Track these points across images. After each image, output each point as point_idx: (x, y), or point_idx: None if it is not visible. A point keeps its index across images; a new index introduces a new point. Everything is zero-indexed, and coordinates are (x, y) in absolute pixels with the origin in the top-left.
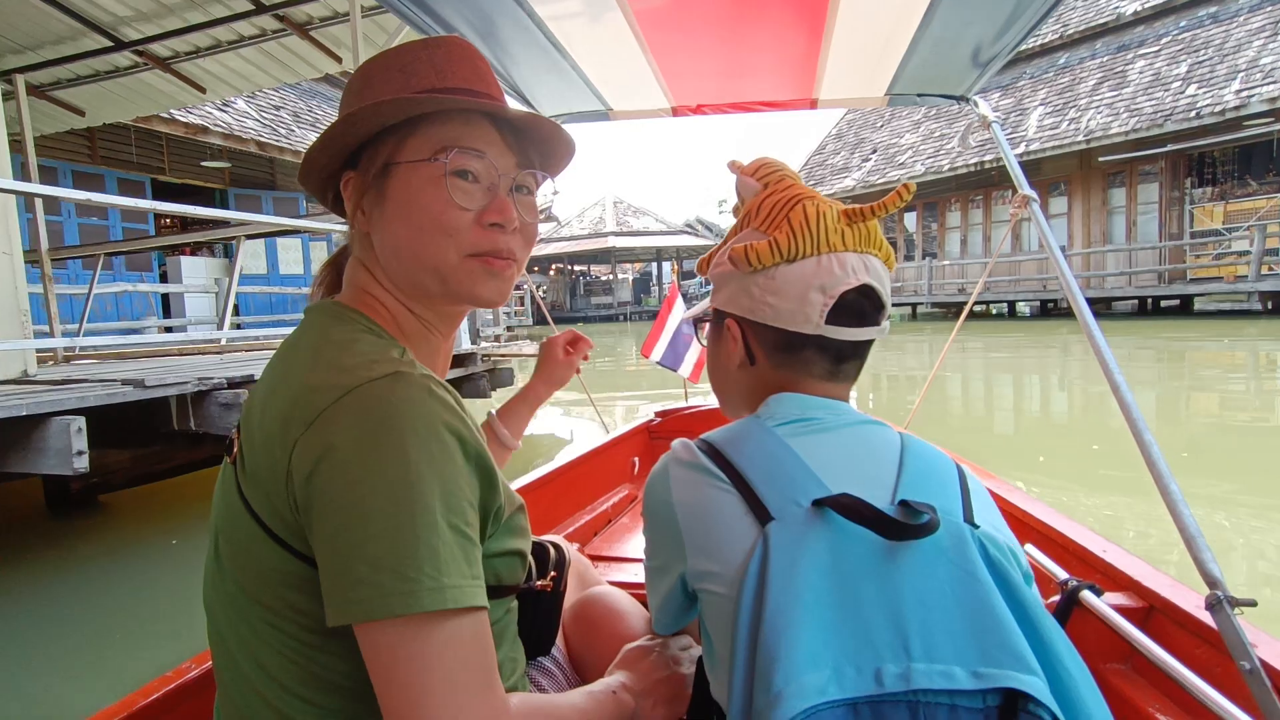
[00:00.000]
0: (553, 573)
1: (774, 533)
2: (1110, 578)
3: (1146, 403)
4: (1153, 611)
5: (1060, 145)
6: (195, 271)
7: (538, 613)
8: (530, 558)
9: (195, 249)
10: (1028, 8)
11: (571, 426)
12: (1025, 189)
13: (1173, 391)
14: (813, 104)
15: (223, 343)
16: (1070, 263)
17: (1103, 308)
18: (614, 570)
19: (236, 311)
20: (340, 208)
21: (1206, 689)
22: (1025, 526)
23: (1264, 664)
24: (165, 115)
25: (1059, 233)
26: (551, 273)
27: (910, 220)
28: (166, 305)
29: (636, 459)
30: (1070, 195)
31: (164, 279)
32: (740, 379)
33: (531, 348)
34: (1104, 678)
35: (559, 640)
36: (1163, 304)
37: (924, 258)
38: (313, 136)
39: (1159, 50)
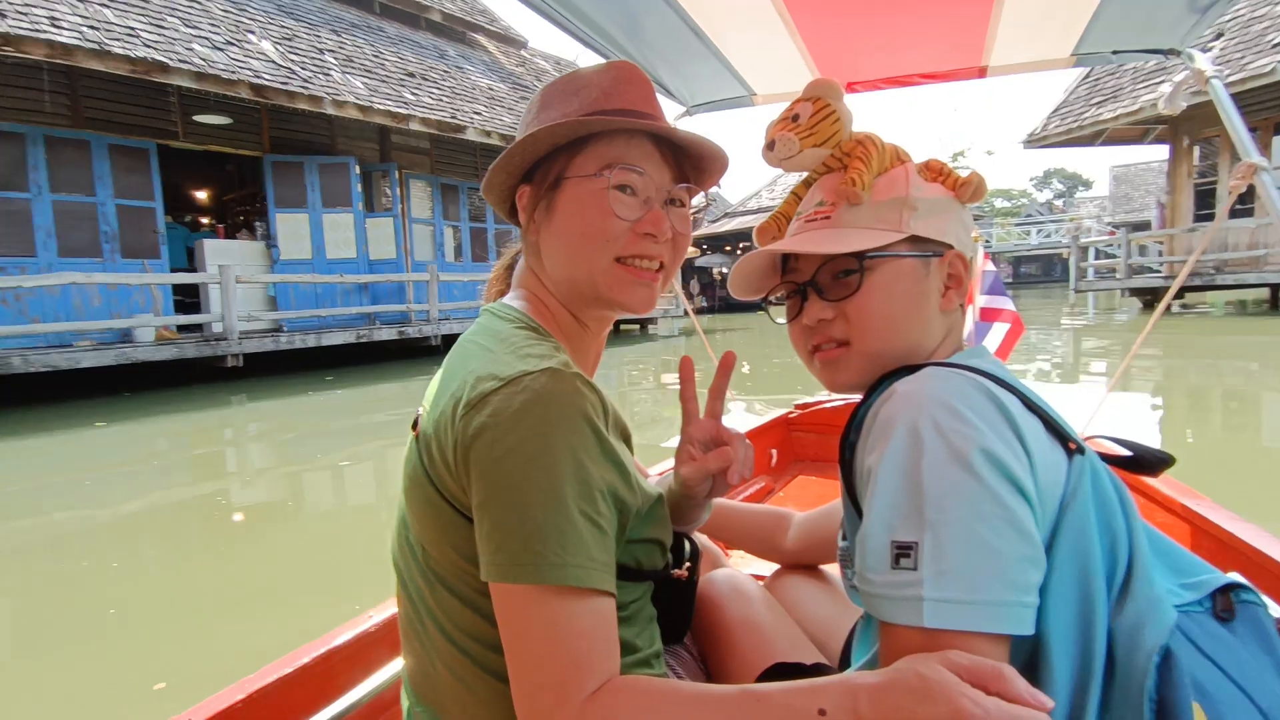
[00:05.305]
0: (688, 563)
1: (1092, 460)
2: None
3: None
4: None
5: None
6: (223, 255)
7: (674, 601)
8: (668, 547)
9: (231, 229)
10: None
11: None
12: (1253, 156)
13: None
14: (981, 72)
15: None
16: None
17: None
18: (749, 563)
19: (275, 306)
20: (517, 218)
21: None
22: (1232, 550)
23: None
24: (118, 51)
25: None
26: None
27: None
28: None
29: (774, 451)
30: None
31: (192, 267)
32: (939, 325)
33: None
34: None
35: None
36: None
37: None
38: (359, 84)
39: None
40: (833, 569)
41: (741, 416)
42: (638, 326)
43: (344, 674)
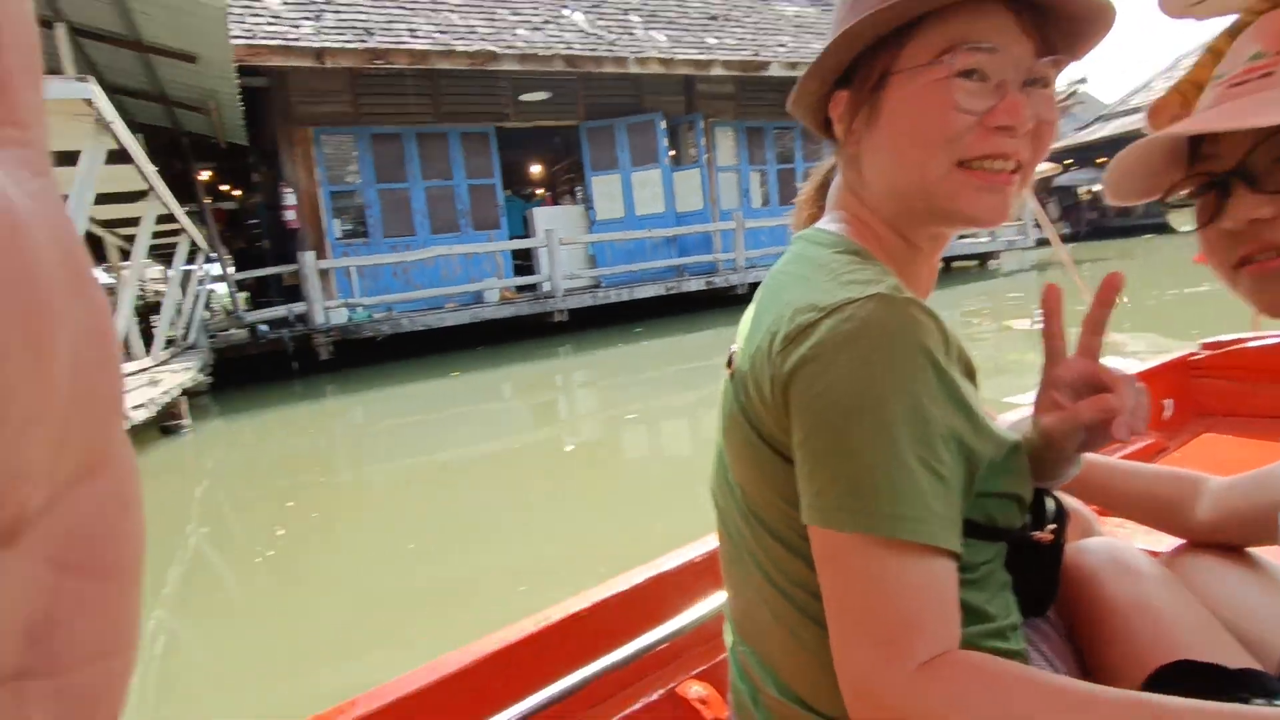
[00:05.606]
0: (1052, 525)
1: None
2: None
3: None
4: None
5: None
6: (550, 221)
7: (1035, 568)
8: (1028, 505)
9: (557, 196)
10: None
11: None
12: None
13: None
14: None
15: None
16: None
17: None
18: (1134, 536)
19: (594, 264)
20: (830, 133)
21: None
22: None
23: None
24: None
25: None
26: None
27: None
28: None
29: (1169, 401)
30: None
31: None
32: None
33: None
34: None
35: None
36: None
37: None
38: (662, 38)
39: None
40: (1264, 552)
41: (1120, 361)
42: (975, 262)
43: (672, 599)
